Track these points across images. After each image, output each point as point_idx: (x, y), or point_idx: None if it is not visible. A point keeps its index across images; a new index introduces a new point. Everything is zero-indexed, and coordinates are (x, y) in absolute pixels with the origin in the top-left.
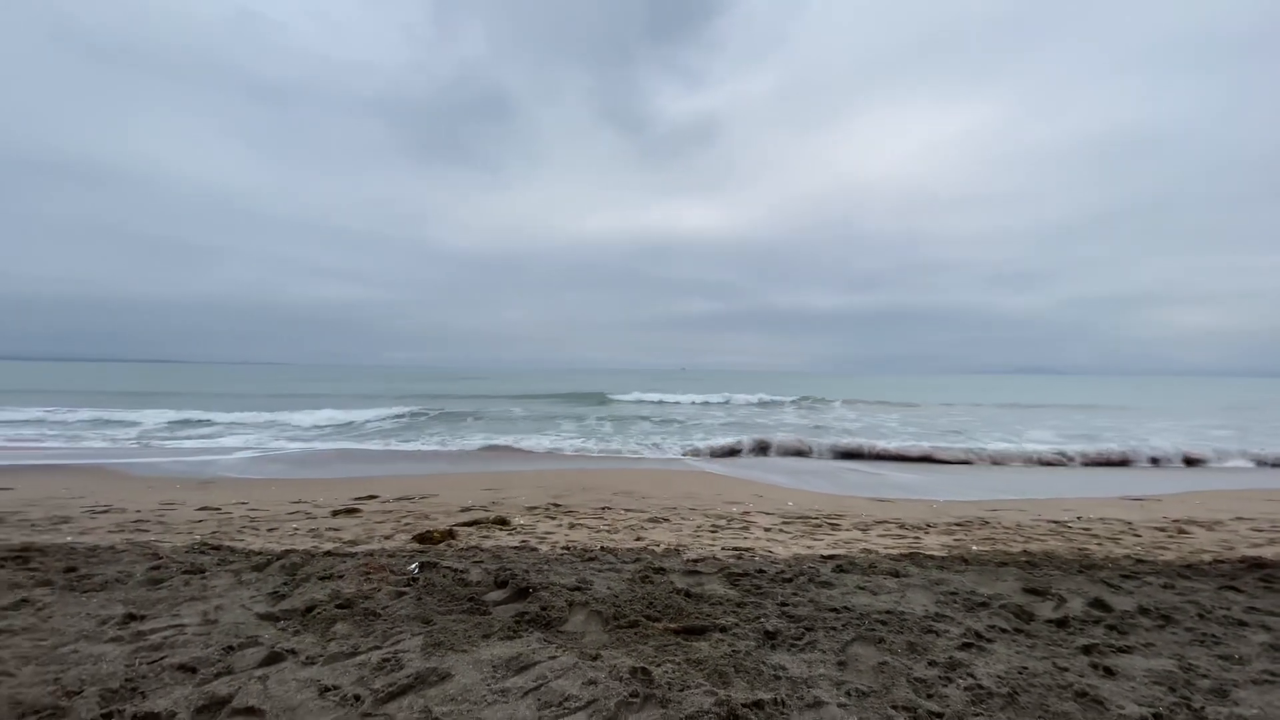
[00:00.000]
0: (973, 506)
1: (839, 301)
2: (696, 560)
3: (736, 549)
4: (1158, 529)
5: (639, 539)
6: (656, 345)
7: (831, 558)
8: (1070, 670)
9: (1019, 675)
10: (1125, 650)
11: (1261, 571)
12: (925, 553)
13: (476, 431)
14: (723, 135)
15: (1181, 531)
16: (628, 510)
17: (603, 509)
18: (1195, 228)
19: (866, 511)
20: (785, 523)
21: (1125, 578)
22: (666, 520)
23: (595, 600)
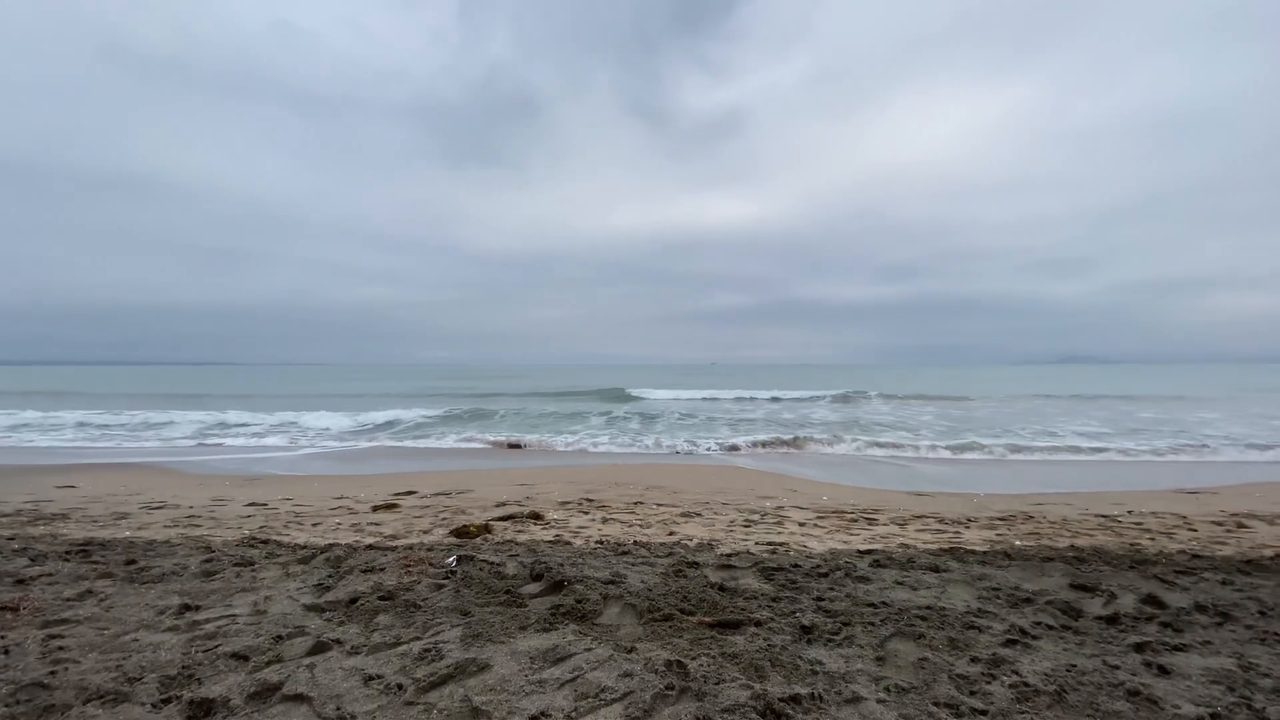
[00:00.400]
0: (1015, 500)
1: (873, 292)
2: (730, 555)
3: (770, 544)
4: (1215, 523)
5: (671, 534)
6: (686, 340)
7: (868, 552)
8: (1122, 668)
9: (1067, 673)
10: (1181, 648)
11: None
12: (966, 547)
13: (508, 428)
14: (750, 126)
15: (1240, 525)
16: (660, 505)
17: (634, 504)
18: (1250, 207)
19: (904, 506)
20: (820, 517)
21: (1180, 573)
22: (699, 515)
23: (629, 594)
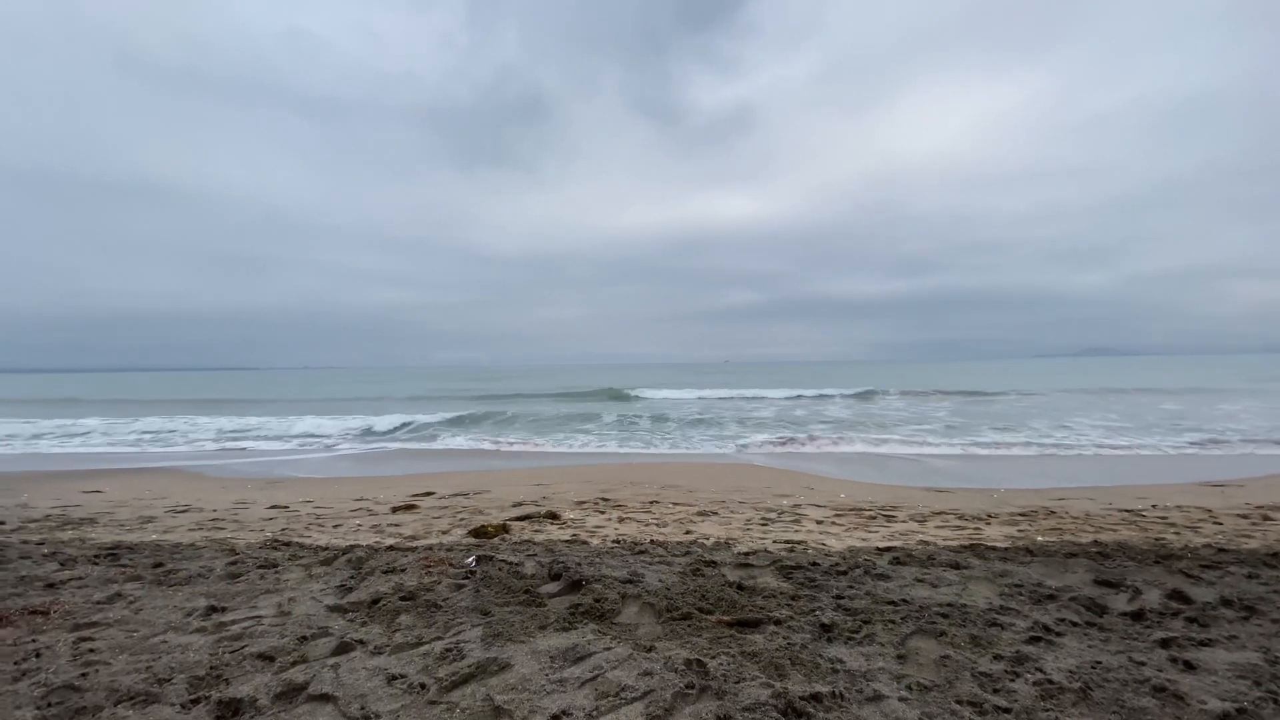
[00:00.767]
0: (1037, 496)
1: (888, 287)
2: (748, 553)
3: (788, 542)
4: (1240, 516)
5: (688, 533)
6: (699, 339)
7: (888, 550)
8: (1147, 664)
9: (1091, 670)
10: (1206, 643)
11: None
12: (987, 544)
13: (522, 428)
14: (760, 122)
15: (1267, 519)
16: (676, 504)
17: (650, 503)
18: (1275, 194)
19: (923, 502)
20: (838, 515)
21: (1206, 568)
22: (715, 514)
23: (647, 593)
